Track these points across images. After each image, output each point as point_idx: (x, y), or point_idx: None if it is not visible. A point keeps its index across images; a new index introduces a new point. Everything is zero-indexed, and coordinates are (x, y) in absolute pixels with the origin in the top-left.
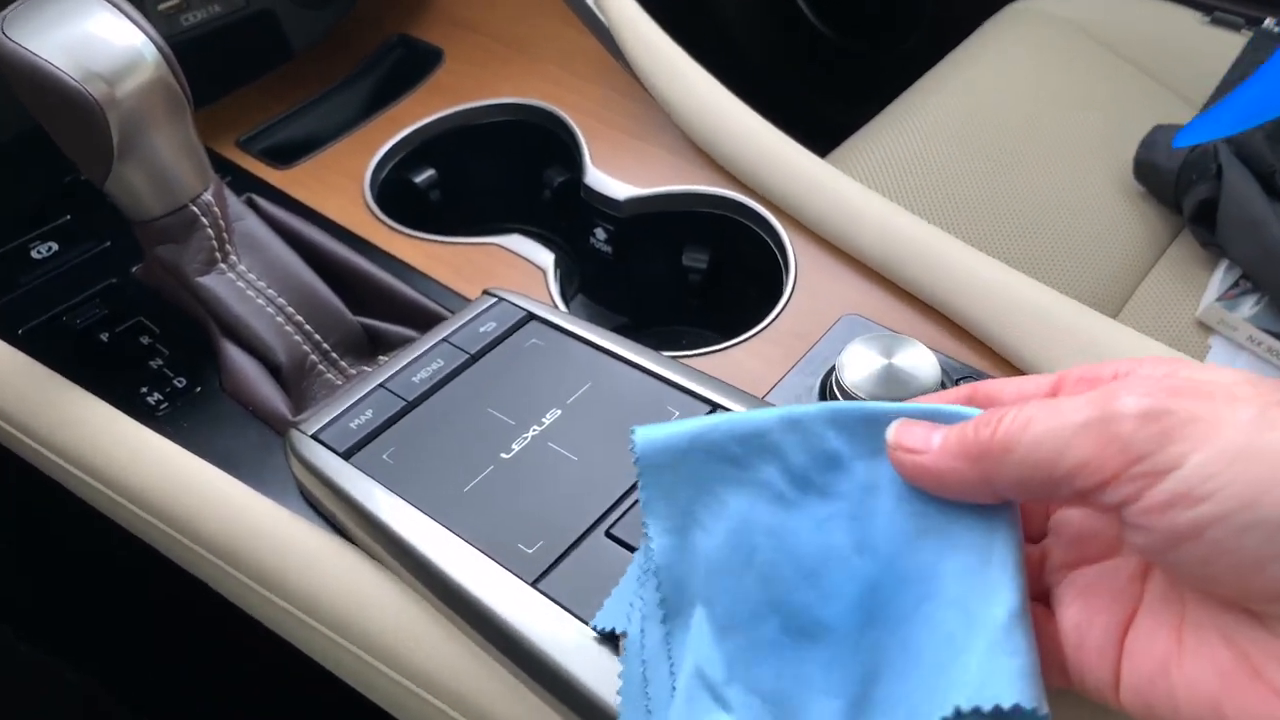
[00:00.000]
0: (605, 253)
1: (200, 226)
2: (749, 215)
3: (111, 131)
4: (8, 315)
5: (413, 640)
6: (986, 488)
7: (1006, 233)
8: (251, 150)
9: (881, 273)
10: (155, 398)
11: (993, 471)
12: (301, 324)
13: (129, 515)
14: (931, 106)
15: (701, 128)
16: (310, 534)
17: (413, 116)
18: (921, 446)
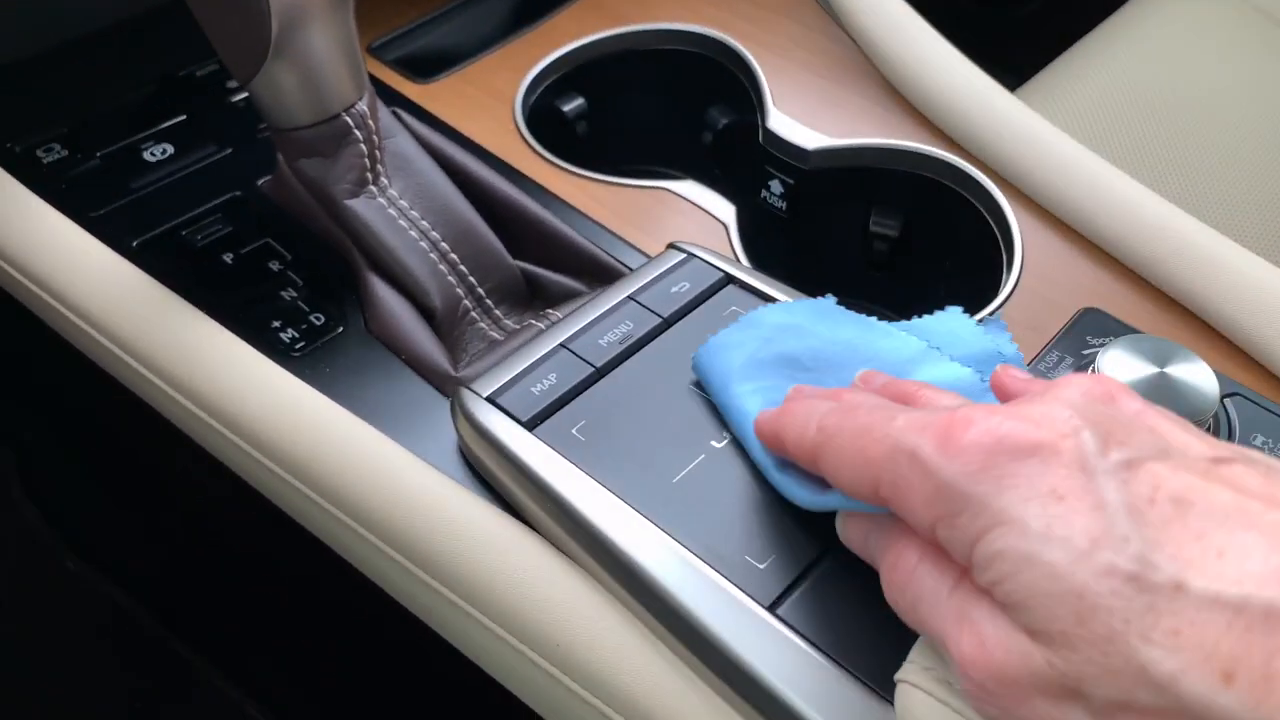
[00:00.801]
0: (778, 210)
1: (353, 140)
2: (960, 179)
3: (271, 20)
4: (118, 224)
5: (612, 655)
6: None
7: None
8: (385, 58)
9: (1126, 263)
10: (290, 335)
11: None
12: (456, 263)
13: (252, 465)
14: (1082, 84)
15: (910, 74)
16: (485, 514)
17: (565, 36)
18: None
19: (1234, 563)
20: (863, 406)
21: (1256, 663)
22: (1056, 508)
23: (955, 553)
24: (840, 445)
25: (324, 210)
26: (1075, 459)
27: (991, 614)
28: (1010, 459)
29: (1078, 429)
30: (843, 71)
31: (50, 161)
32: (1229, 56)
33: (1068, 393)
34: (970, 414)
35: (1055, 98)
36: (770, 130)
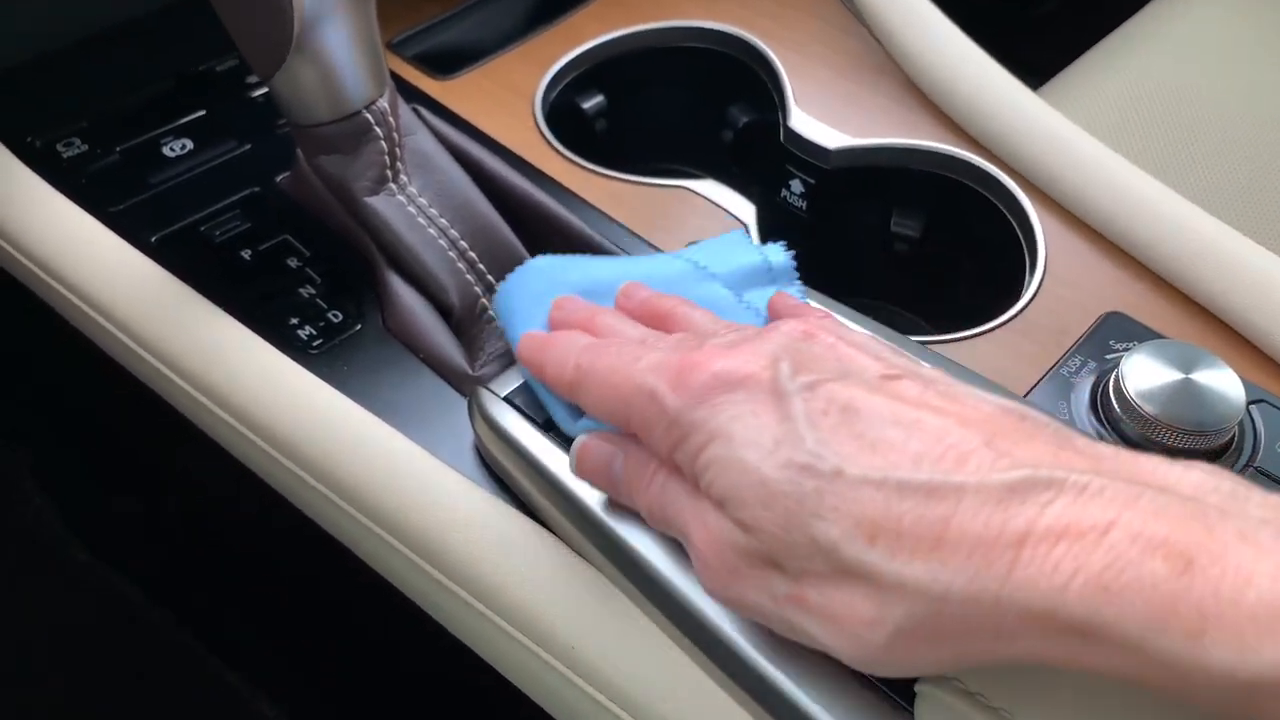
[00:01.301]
0: (798, 209)
1: (373, 138)
2: (982, 180)
3: (294, 17)
4: (137, 219)
5: (624, 656)
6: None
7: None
8: (405, 54)
9: (1150, 266)
10: (307, 332)
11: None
12: (475, 262)
13: (267, 462)
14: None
15: (933, 73)
16: (499, 513)
17: (586, 33)
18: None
19: (881, 453)
20: (613, 345)
21: (891, 524)
22: (753, 420)
23: (685, 469)
24: (595, 383)
25: (343, 207)
26: (770, 385)
27: (711, 508)
28: (724, 390)
29: (776, 360)
30: (865, 70)
31: (70, 156)
32: (1253, 57)
33: (774, 335)
34: (697, 357)
35: (1077, 98)
36: (791, 129)
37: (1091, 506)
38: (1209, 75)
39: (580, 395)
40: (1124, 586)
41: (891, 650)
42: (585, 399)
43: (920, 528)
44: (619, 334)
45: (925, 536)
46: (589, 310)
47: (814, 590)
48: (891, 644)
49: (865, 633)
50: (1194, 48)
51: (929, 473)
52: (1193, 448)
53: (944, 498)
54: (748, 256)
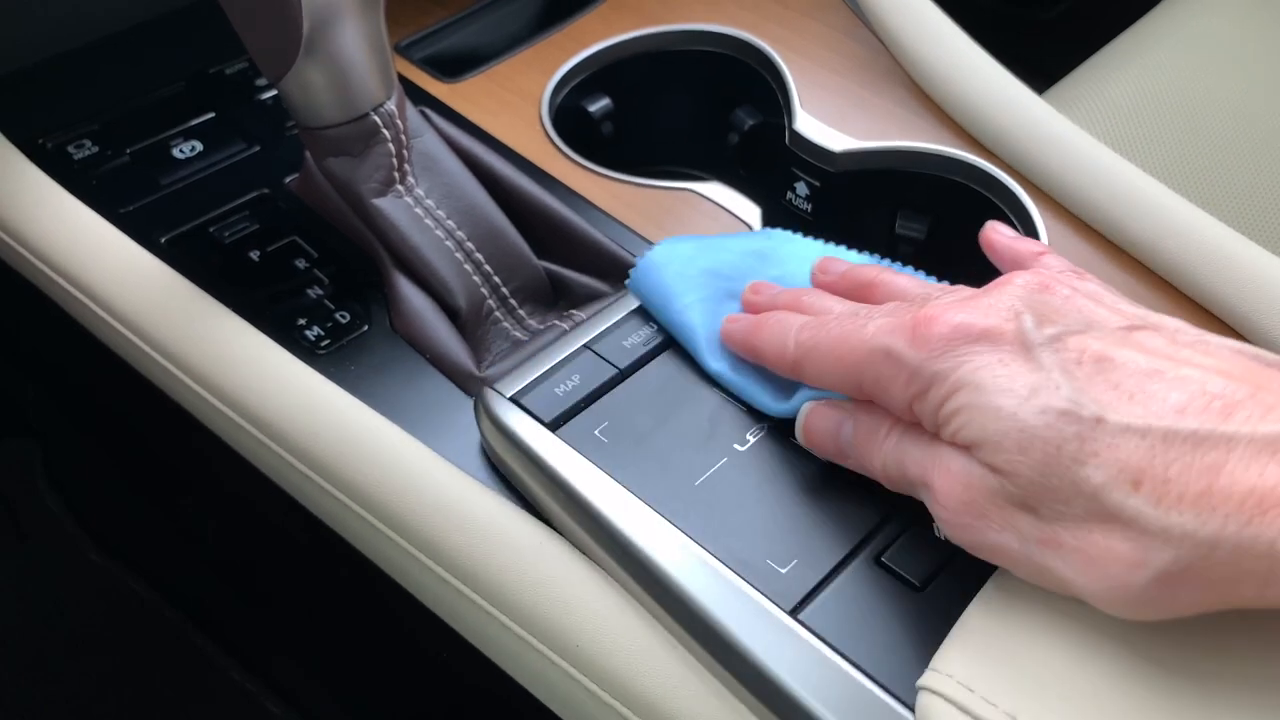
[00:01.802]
0: (803, 211)
1: (381, 140)
2: (987, 183)
3: (303, 20)
4: (147, 220)
5: (631, 657)
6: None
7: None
8: (413, 57)
9: (1154, 268)
10: (315, 332)
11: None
12: (481, 263)
13: (275, 461)
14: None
15: (938, 77)
16: (506, 514)
17: (593, 36)
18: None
19: (1141, 403)
20: (833, 317)
21: (1157, 472)
22: (1003, 369)
23: (926, 421)
24: (821, 355)
25: (351, 208)
26: (1016, 337)
27: (956, 454)
28: (966, 341)
29: (1018, 313)
30: (870, 73)
31: (81, 158)
32: (1261, 59)
33: (1010, 288)
34: (931, 312)
35: (1084, 101)
36: (797, 132)
37: None
38: (1216, 78)
39: (805, 369)
40: None
41: (1150, 593)
42: (811, 371)
43: (1188, 476)
44: (829, 308)
45: (1193, 484)
46: (791, 292)
47: (1069, 533)
48: (1152, 587)
49: (1126, 574)
50: (1201, 51)
51: (1196, 422)
52: None
53: (1214, 447)
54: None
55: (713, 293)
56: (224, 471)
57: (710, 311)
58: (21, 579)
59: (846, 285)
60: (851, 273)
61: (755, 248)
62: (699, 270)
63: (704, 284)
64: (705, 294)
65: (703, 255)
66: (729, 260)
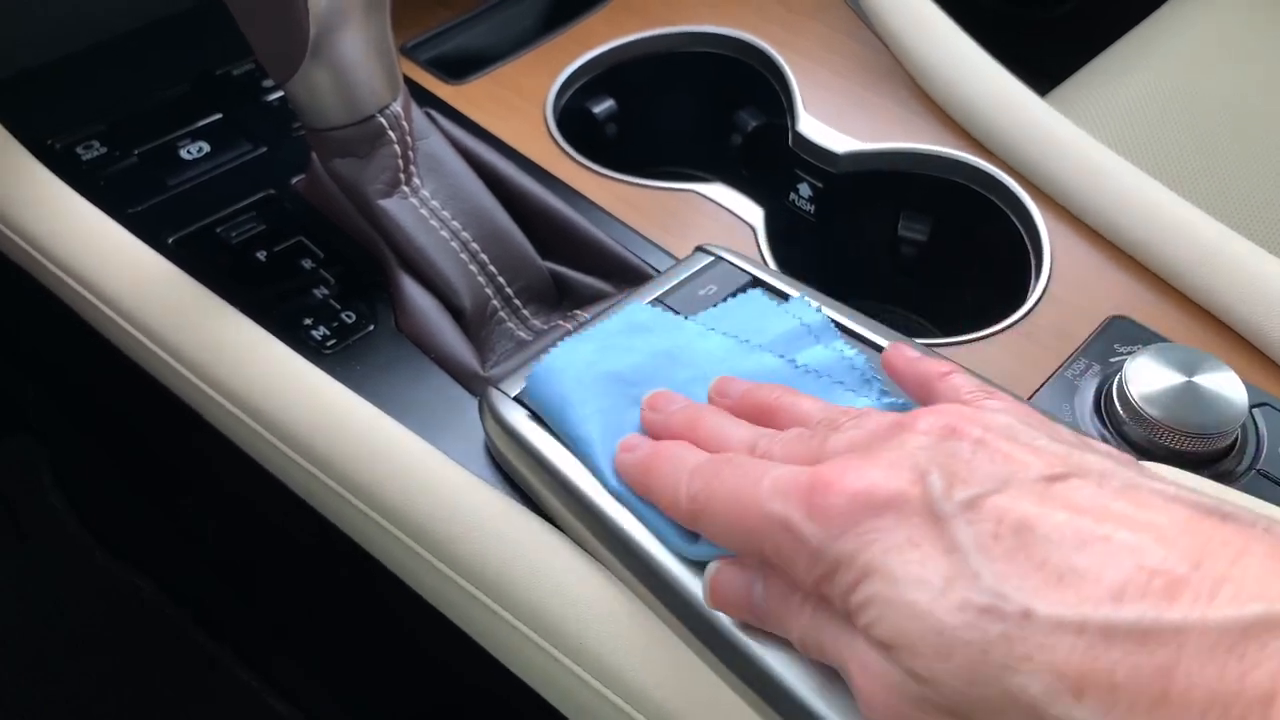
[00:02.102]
0: (806, 212)
1: (386, 141)
2: (989, 185)
3: (309, 21)
4: (155, 220)
5: (632, 652)
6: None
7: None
8: (418, 59)
9: (1155, 270)
10: (321, 332)
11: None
12: (486, 264)
13: (281, 459)
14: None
15: (940, 78)
16: (509, 511)
17: (596, 38)
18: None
19: (1072, 585)
20: (727, 464)
21: (1101, 678)
22: (914, 554)
23: (836, 603)
24: (715, 514)
25: (356, 209)
26: (924, 506)
27: (873, 650)
28: (869, 515)
29: (924, 473)
30: (873, 75)
31: (89, 159)
32: (1264, 61)
33: (914, 436)
34: (828, 475)
35: (1087, 102)
36: (800, 133)
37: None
38: (1218, 80)
39: (702, 526)
40: None
41: None
42: (708, 529)
43: (1138, 681)
44: (727, 438)
45: (1145, 691)
46: (688, 413)
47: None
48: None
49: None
50: (1204, 52)
51: (1137, 610)
52: (1196, 450)
53: (1162, 642)
54: (779, 321)
55: (615, 401)
56: (227, 470)
57: (612, 424)
58: (23, 578)
59: (747, 408)
60: (750, 394)
61: (664, 347)
62: (600, 374)
63: (605, 390)
64: (606, 403)
65: (605, 358)
66: (634, 363)
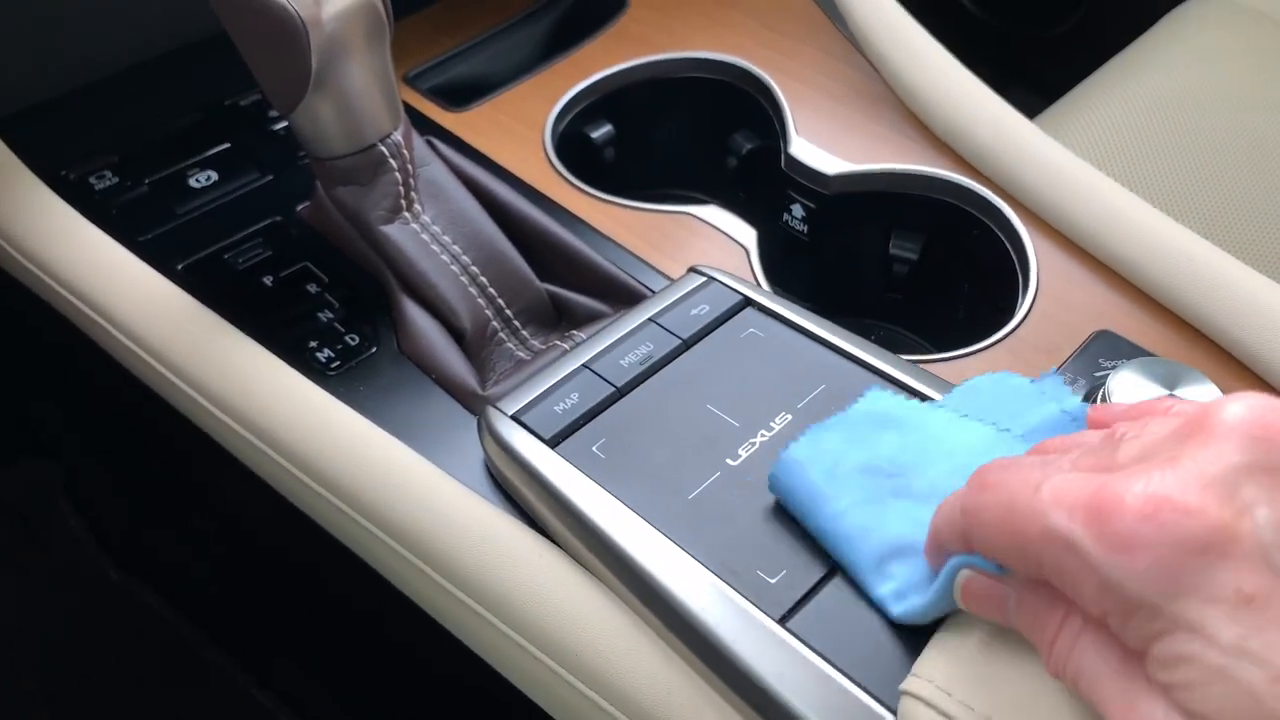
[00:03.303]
0: (799, 232)
1: (387, 169)
2: (977, 204)
3: (312, 56)
4: (165, 247)
5: (627, 664)
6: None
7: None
8: (420, 87)
9: (1139, 286)
10: (326, 355)
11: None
12: (485, 286)
13: (287, 479)
14: (1112, 104)
15: (929, 101)
16: (508, 528)
17: (595, 65)
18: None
19: None
20: (1005, 470)
21: None
22: (1248, 615)
23: (1128, 641)
24: (987, 522)
25: (360, 235)
26: (1256, 551)
27: (1166, 714)
28: (1181, 554)
29: (1250, 504)
30: (864, 98)
31: (102, 188)
32: (1255, 78)
33: (1222, 445)
34: (1117, 485)
35: (1081, 119)
36: (792, 155)
37: None
38: (1210, 97)
39: (973, 537)
40: None
41: None
42: (978, 540)
43: None
44: (1003, 467)
45: None
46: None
47: None
48: None
49: None
50: (1198, 68)
51: None
52: None
53: None
54: (1035, 405)
55: (872, 494)
56: (240, 490)
57: (872, 519)
58: (42, 598)
59: None
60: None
61: (918, 438)
62: (852, 468)
63: (860, 484)
64: (862, 496)
65: (855, 450)
66: (887, 454)
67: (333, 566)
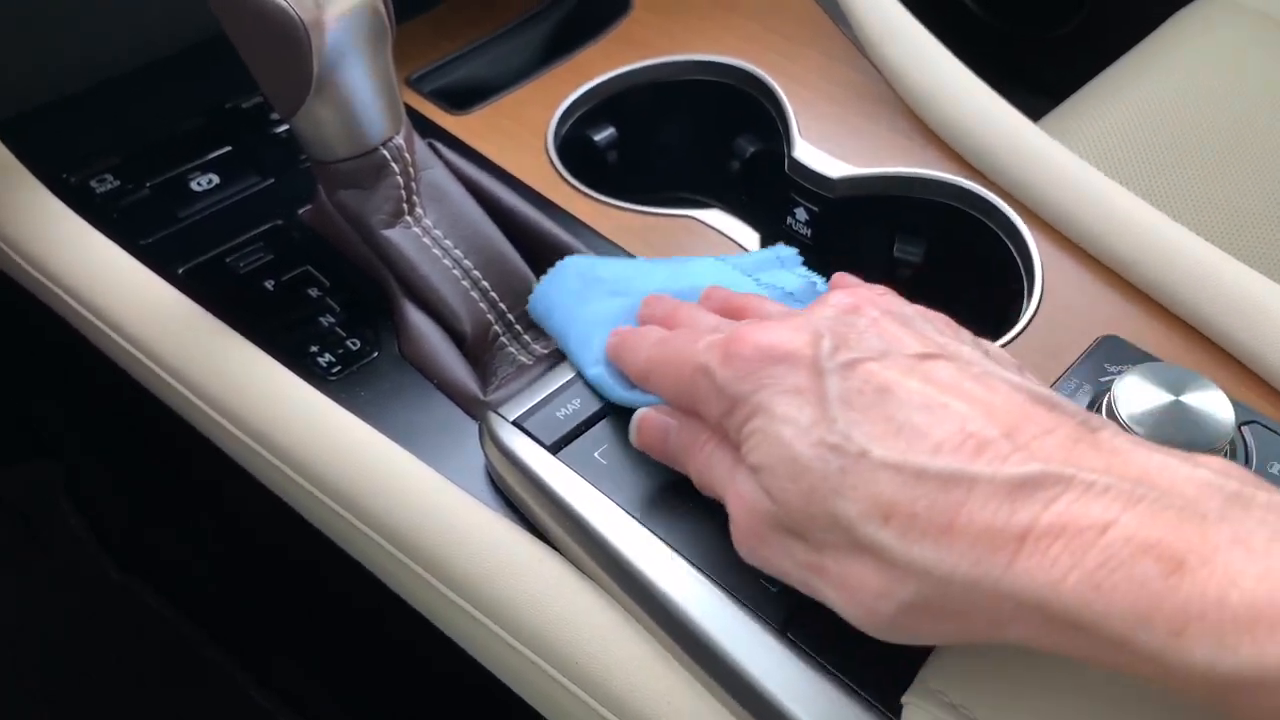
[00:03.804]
0: (803, 236)
1: (389, 173)
2: (981, 208)
3: (313, 59)
4: (166, 251)
5: (626, 671)
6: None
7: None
8: (422, 90)
9: (1145, 290)
10: (327, 359)
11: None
12: (487, 290)
13: (287, 484)
14: (1116, 106)
15: (933, 104)
16: (509, 534)
17: (597, 68)
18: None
19: (906, 437)
20: (682, 333)
21: (905, 508)
22: (794, 399)
23: (732, 436)
24: (662, 371)
25: (361, 239)
26: (811, 362)
27: (748, 476)
28: (768, 364)
29: (819, 337)
30: (867, 101)
31: (103, 192)
32: (1261, 80)
33: (823, 308)
34: (742, 331)
35: (1086, 121)
36: (795, 159)
37: (1094, 506)
38: (1215, 99)
39: (650, 382)
40: (1114, 585)
41: (897, 621)
42: (654, 385)
43: (932, 513)
44: (696, 324)
45: (936, 522)
46: (673, 305)
47: (831, 560)
48: (898, 616)
49: (875, 603)
50: (1201, 73)
51: (946, 461)
52: None
53: (957, 486)
54: (756, 254)
55: (598, 297)
56: (238, 493)
57: (594, 312)
58: (42, 598)
59: (723, 309)
60: (730, 298)
61: (647, 264)
62: (599, 282)
63: (590, 291)
64: (591, 298)
65: (604, 268)
66: (616, 272)
67: (332, 568)
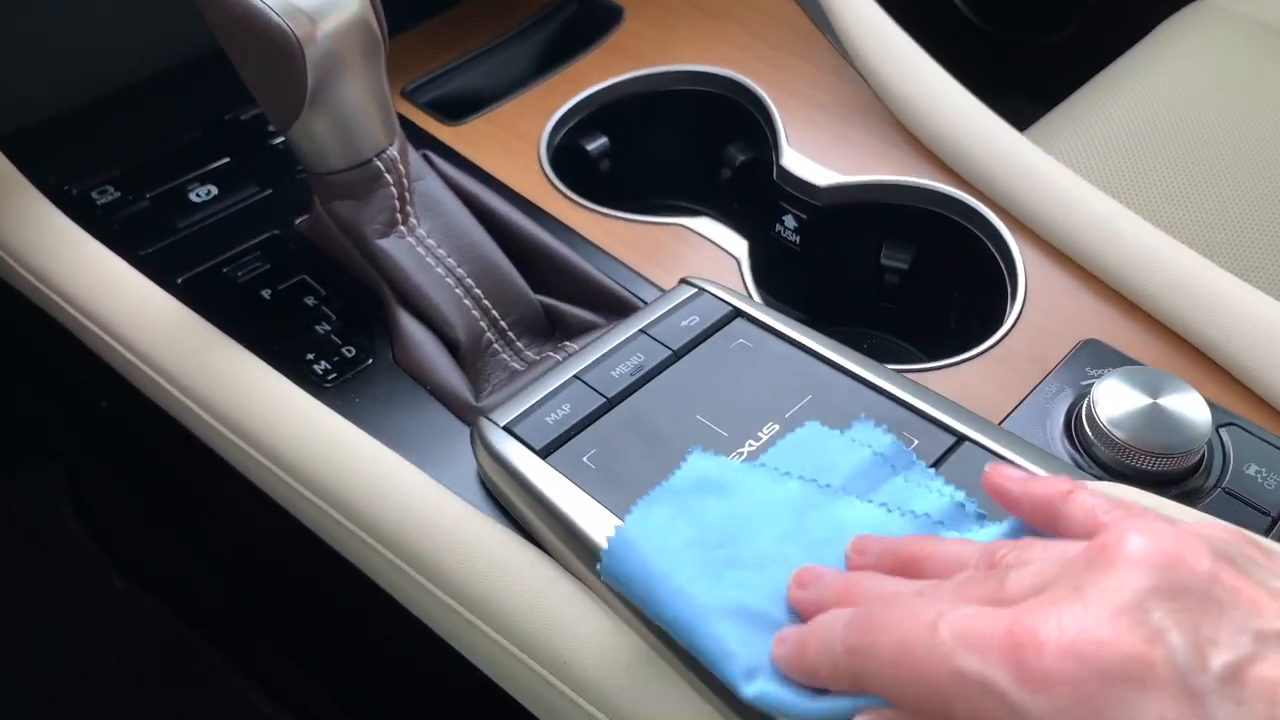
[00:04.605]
0: (791, 243)
1: (383, 184)
2: (967, 215)
3: (307, 73)
4: (165, 261)
5: (614, 671)
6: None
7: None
8: (417, 101)
9: (1126, 295)
10: (323, 366)
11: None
12: (480, 298)
13: (284, 490)
14: (1109, 111)
15: (919, 113)
16: (500, 538)
17: (589, 79)
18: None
19: None
20: (889, 609)
21: None
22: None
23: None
24: (882, 665)
25: (356, 249)
26: (1173, 677)
27: None
28: (1101, 686)
29: (1161, 630)
30: (855, 110)
31: (104, 203)
32: (1252, 85)
33: (1127, 575)
34: (1030, 623)
35: (1077, 126)
36: (783, 167)
37: None
38: (1208, 103)
39: (866, 682)
40: None
41: None
42: (873, 684)
43: None
44: (885, 594)
45: None
46: (842, 581)
47: None
48: None
49: None
50: (1195, 76)
51: None
52: (1161, 470)
53: None
54: (849, 453)
55: (706, 569)
56: (236, 496)
57: (709, 590)
58: (43, 598)
59: (892, 564)
60: (892, 549)
61: (743, 505)
62: (683, 543)
63: (692, 560)
64: (695, 572)
65: (682, 524)
66: (714, 524)
67: (329, 572)
